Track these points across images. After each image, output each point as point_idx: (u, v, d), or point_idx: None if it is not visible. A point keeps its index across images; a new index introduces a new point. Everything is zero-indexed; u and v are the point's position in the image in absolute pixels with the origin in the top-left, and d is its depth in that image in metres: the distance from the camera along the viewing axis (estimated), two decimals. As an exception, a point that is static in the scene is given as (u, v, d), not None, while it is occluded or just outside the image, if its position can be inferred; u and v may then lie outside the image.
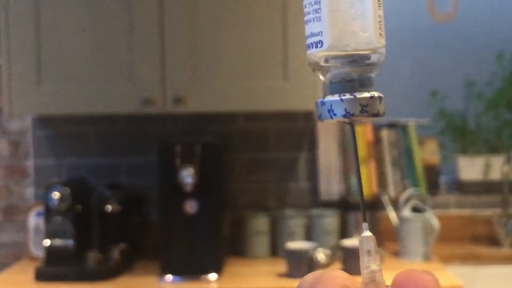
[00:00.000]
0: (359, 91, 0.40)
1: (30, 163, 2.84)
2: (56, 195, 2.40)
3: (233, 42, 2.47)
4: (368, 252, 0.40)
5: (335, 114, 0.40)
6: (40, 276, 2.37)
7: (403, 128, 2.77)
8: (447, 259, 2.61)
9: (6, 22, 2.45)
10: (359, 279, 0.39)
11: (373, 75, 0.42)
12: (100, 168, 2.82)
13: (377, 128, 2.76)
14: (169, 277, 2.38)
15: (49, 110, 2.54)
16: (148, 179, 2.76)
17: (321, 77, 0.43)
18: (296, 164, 2.84)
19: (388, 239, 2.69)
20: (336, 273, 0.37)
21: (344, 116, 0.40)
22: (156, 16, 2.45)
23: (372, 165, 2.74)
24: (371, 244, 0.40)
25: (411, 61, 2.99)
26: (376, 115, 0.41)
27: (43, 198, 2.47)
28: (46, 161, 2.82)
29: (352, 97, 0.40)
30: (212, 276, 2.39)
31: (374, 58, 0.41)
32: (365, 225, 0.42)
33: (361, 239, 0.40)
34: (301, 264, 2.33)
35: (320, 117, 0.42)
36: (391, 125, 2.77)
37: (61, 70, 2.47)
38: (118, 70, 2.47)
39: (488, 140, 2.91)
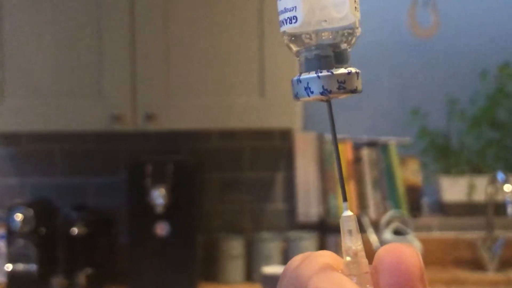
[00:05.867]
0: (336, 67, 0.41)
1: None
2: (18, 216, 2.42)
3: (207, 57, 2.50)
4: (350, 232, 0.41)
5: (312, 92, 0.41)
6: None
7: (384, 147, 2.80)
8: (430, 284, 2.54)
9: None
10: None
11: (349, 50, 0.43)
12: (66, 188, 2.82)
13: (357, 147, 2.80)
14: None
15: (12, 127, 2.55)
16: (117, 200, 2.76)
17: (295, 53, 0.44)
18: (272, 184, 2.86)
19: (369, 262, 2.67)
20: (322, 252, 0.39)
21: (322, 93, 0.41)
22: (127, 29, 2.47)
23: (352, 185, 2.78)
24: (352, 224, 0.41)
25: (392, 78, 3.04)
26: (354, 91, 0.42)
27: (5, 220, 2.47)
28: (9, 180, 2.83)
29: (329, 73, 0.41)
30: None
31: (350, 32, 0.42)
32: (345, 204, 0.42)
33: (342, 219, 0.41)
34: (278, 290, 2.31)
35: (297, 96, 0.42)
36: (371, 144, 2.81)
37: (26, 84, 2.49)
38: (86, 84, 2.49)
39: (472, 160, 2.94)
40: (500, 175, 2.66)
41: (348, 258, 0.40)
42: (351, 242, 0.41)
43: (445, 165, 2.93)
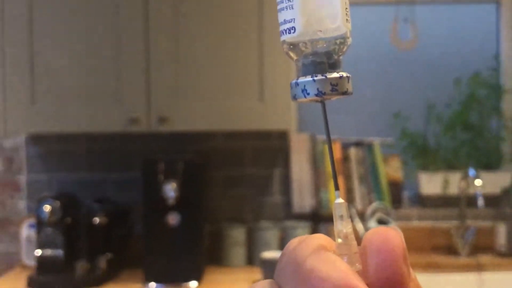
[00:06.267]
0: (329, 72, 0.41)
1: (23, 178, 2.82)
2: (47, 208, 2.38)
3: (213, 66, 2.47)
4: (341, 217, 0.40)
5: (308, 93, 0.41)
6: (32, 284, 2.35)
7: (369, 147, 2.77)
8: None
9: (1, 47, 2.45)
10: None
11: (341, 57, 0.42)
12: (88, 183, 2.80)
13: (345, 147, 2.77)
14: (152, 284, 2.37)
15: (41, 128, 2.52)
16: (133, 193, 2.73)
17: (294, 60, 0.43)
18: (270, 179, 2.83)
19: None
20: (317, 235, 0.38)
21: (317, 95, 0.41)
22: (142, 42, 2.45)
23: (341, 180, 2.74)
24: (343, 210, 0.40)
25: (377, 85, 2.97)
26: (345, 93, 0.41)
27: (35, 211, 2.44)
28: (38, 176, 2.80)
29: (323, 77, 0.40)
30: (193, 283, 2.37)
31: (343, 41, 0.42)
32: (337, 193, 0.42)
33: (335, 205, 0.41)
34: (276, 272, 2.31)
35: (295, 97, 0.42)
36: (358, 144, 2.77)
37: (53, 91, 2.46)
38: (106, 91, 2.46)
39: (447, 158, 2.90)
40: (472, 171, 2.63)
41: (339, 240, 0.39)
42: (342, 226, 0.40)
43: (423, 163, 2.88)
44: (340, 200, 0.41)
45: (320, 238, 0.38)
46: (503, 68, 2.94)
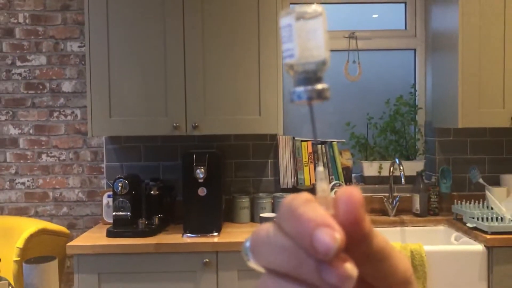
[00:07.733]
0: (315, 84, 0.39)
1: (103, 165, 2.82)
2: (119, 184, 2.39)
3: (228, 92, 2.45)
4: (321, 179, 0.38)
5: (301, 98, 0.39)
6: (110, 234, 2.36)
7: (330, 145, 2.75)
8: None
9: (89, 80, 2.43)
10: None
11: (323, 75, 0.40)
12: (147, 168, 2.77)
13: (314, 144, 2.74)
14: (188, 234, 2.36)
15: (116, 132, 2.48)
16: (176, 174, 2.72)
17: (291, 75, 0.41)
18: (266, 166, 2.80)
19: None
20: (305, 193, 0.36)
21: (307, 99, 0.39)
22: (182, 74, 2.43)
23: (311, 167, 2.72)
24: (322, 175, 0.38)
25: (334, 104, 2.92)
26: (326, 98, 0.39)
27: (112, 186, 2.45)
28: (113, 163, 2.79)
29: (311, 87, 0.39)
30: (215, 233, 2.37)
31: (324, 63, 0.40)
32: (319, 163, 0.40)
33: (316, 171, 0.38)
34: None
35: (292, 100, 0.39)
36: (322, 143, 2.74)
37: (123, 108, 2.44)
38: (157, 108, 2.44)
39: (380, 152, 2.86)
40: (397, 161, 2.60)
41: (320, 194, 0.37)
42: (322, 184, 0.37)
43: (365, 155, 2.86)
44: (321, 168, 0.38)
45: (307, 195, 0.36)
46: (417, 93, 2.92)
